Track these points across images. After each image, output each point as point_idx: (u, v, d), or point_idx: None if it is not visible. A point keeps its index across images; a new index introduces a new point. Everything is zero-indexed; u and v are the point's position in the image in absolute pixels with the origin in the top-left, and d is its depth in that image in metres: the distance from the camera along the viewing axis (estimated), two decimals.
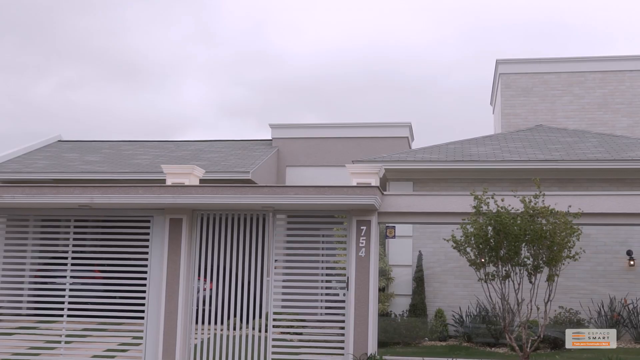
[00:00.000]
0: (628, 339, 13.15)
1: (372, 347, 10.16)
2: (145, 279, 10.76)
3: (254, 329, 10.56)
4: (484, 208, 8.88)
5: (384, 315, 13.85)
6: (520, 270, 8.88)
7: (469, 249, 8.90)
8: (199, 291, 10.84)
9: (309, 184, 11.25)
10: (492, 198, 8.94)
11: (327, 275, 10.79)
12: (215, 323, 10.71)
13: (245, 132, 52.24)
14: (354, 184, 10.51)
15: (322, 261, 10.74)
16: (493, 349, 12.49)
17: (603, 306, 13.82)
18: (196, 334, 10.69)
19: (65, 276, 11.03)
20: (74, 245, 11.11)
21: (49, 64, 51.34)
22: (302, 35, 54.38)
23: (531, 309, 8.92)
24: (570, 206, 9.10)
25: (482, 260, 8.82)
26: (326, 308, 10.76)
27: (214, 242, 10.80)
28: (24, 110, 50.21)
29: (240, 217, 10.79)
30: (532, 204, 8.78)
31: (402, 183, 14.93)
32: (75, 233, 11.11)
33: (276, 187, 10.22)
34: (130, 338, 10.96)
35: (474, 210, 8.95)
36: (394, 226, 12.23)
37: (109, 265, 11.18)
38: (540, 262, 8.68)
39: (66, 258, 11.07)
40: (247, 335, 10.53)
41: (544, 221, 8.64)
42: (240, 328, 10.62)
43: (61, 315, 10.93)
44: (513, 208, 8.80)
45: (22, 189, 10.68)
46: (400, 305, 14.48)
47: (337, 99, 51.58)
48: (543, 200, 8.92)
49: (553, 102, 19.70)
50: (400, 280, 14.68)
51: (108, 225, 11.57)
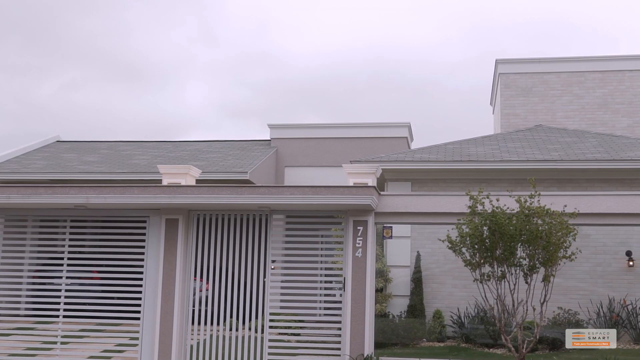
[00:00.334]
0: (627, 339, 13.08)
1: (369, 348, 10.11)
2: (141, 279, 10.71)
3: (250, 329, 10.52)
4: (479, 208, 8.82)
5: (382, 316, 13.80)
6: (515, 271, 8.82)
7: (464, 249, 8.85)
8: (195, 292, 10.79)
9: (307, 184, 11.20)
10: (488, 198, 8.88)
11: (325, 275, 10.72)
12: (212, 324, 10.67)
13: (247, 133, 52.21)
14: (351, 184, 10.46)
15: (321, 262, 10.68)
16: (491, 349, 12.43)
17: (602, 307, 13.75)
18: (192, 334, 10.65)
19: (61, 277, 10.99)
20: (71, 246, 11.06)
21: (52, 64, 51.49)
22: (305, 36, 54.45)
23: (527, 310, 8.86)
24: (565, 206, 9.05)
25: (478, 260, 8.76)
26: (324, 309, 10.70)
27: (210, 243, 10.75)
28: (27, 110, 50.36)
29: (237, 218, 10.74)
30: (528, 204, 8.73)
31: (401, 183, 14.88)
32: (71, 233, 11.06)
33: (272, 187, 10.17)
34: (127, 339, 10.91)
35: (469, 210, 8.90)
36: (391, 226, 12.19)
37: (105, 265, 11.15)
38: (536, 263, 8.62)
39: (62, 259, 11.02)
40: (244, 336, 10.49)
41: (539, 221, 8.58)
42: (237, 329, 10.57)
43: (57, 316, 10.88)
44: (508, 208, 8.74)
45: (18, 189, 10.64)
46: (399, 306, 14.43)
47: (340, 100, 51.62)
48: (539, 200, 8.86)
49: (553, 102, 19.63)
50: (399, 280, 14.62)
51: (104, 225, 11.53)
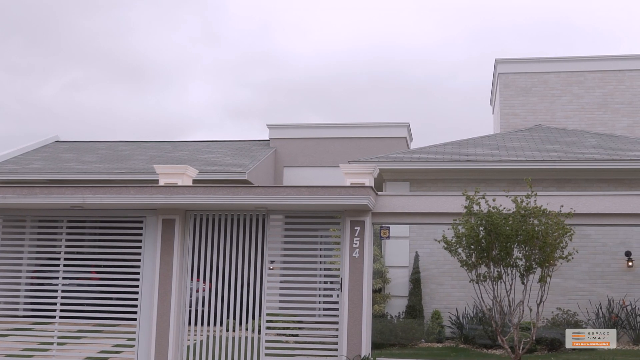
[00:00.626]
0: (626, 340, 13.01)
1: (366, 349, 10.06)
2: (138, 280, 10.67)
3: (246, 330, 10.47)
4: (476, 208, 8.77)
5: (380, 316, 13.75)
6: (511, 271, 8.77)
7: (460, 250, 8.80)
8: (197, 291, 10.74)
9: (305, 184, 11.16)
10: (484, 198, 8.83)
11: (323, 276, 10.67)
12: (209, 324, 10.62)
13: (249, 133, 52.16)
14: (348, 184, 10.42)
15: (320, 262, 10.64)
16: (490, 350, 12.38)
17: (601, 307, 13.70)
18: (189, 335, 10.61)
19: (57, 277, 10.95)
20: (67, 247, 11.03)
21: (54, 65, 51.53)
22: (307, 36, 54.44)
23: (523, 311, 8.81)
24: (562, 206, 8.99)
25: (474, 261, 8.71)
26: (322, 309, 10.65)
27: (207, 243, 10.71)
28: (29, 111, 50.45)
29: (234, 218, 10.70)
30: (524, 204, 8.67)
31: (399, 183, 14.83)
32: (68, 234, 11.03)
33: (269, 188, 10.13)
34: (124, 340, 10.88)
35: (465, 211, 8.85)
36: (388, 227, 12.13)
37: (102, 266, 11.12)
38: (533, 263, 8.56)
39: (59, 259, 10.99)
40: (240, 337, 10.44)
41: (536, 222, 8.53)
42: (234, 330, 10.53)
43: (54, 317, 10.84)
44: (505, 208, 8.69)
45: (14, 189, 10.60)
46: (397, 306, 14.38)
47: (342, 100, 51.60)
48: (535, 201, 8.80)
49: (552, 102, 19.57)
50: (397, 281, 14.56)
51: (101, 226, 11.50)
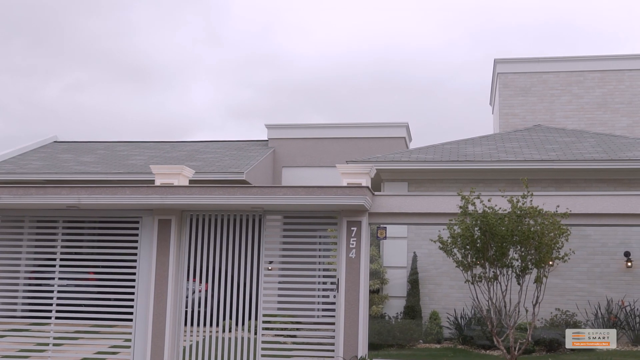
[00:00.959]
0: (625, 341, 12.95)
1: (363, 350, 10.01)
2: (134, 280, 10.63)
3: (243, 330, 10.43)
4: (471, 208, 8.71)
5: (378, 317, 13.70)
6: (507, 272, 8.71)
7: (455, 250, 8.74)
8: (193, 292, 10.70)
9: (303, 184, 11.08)
10: (479, 198, 8.77)
11: (320, 276, 10.61)
12: (204, 325, 10.58)
13: (252, 134, 52.15)
14: (345, 185, 10.37)
15: (319, 262, 10.59)
16: (488, 351, 12.32)
17: (600, 308, 13.64)
18: (185, 336, 10.56)
19: (53, 278, 10.91)
20: (63, 247, 10.99)
21: (57, 66, 51.55)
22: (310, 37, 54.41)
23: (519, 311, 8.75)
24: (558, 206, 8.94)
25: (470, 261, 8.65)
26: (319, 310, 10.60)
27: (203, 244, 10.66)
28: (32, 112, 50.48)
29: (231, 218, 10.65)
30: (520, 204, 8.61)
31: (397, 183, 14.78)
32: (64, 234, 10.99)
33: (265, 188, 10.08)
34: (121, 340, 10.83)
35: (460, 211, 8.79)
36: (385, 227, 12.08)
37: (98, 266, 11.07)
38: (528, 264, 8.50)
39: (55, 259, 10.94)
40: (237, 338, 10.40)
41: (531, 222, 8.47)
42: (230, 330, 10.48)
43: (49, 318, 10.80)
44: (500, 208, 8.63)
45: (9, 189, 10.56)
46: (395, 307, 14.32)
47: (345, 101, 51.55)
48: (531, 201, 8.75)
49: (552, 102, 19.51)
50: (395, 282, 14.51)
51: (97, 226, 11.46)
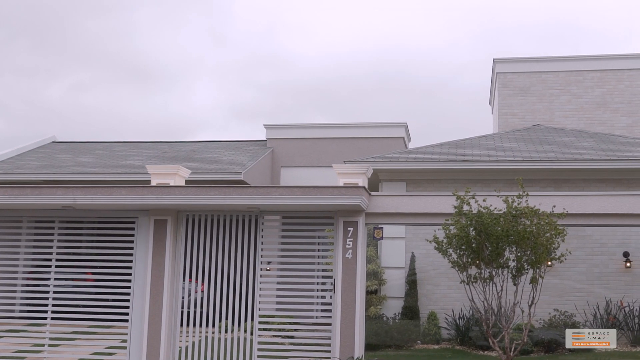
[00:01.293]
0: (624, 342, 12.89)
1: (359, 351, 9.95)
2: (129, 281, 10.58)
3: (239, 331, 10.38)
4: (466, 208, 8.65)
5: (376, 318, 13.65)
6: (502, 272, 8.65)
7: (451, 250, 8.68)
8: (190, 294, 10.65)
9: (301, 184, 11.03)
10: (474, 198, 8.71)
11: (317, 277, 10.54)
12: (200, 326, 10.53)
13: (254, 134, 52.01)
14: (341, 184, 10.31)
15: (318, 262, 10.53)
16: (486, 352, 12.27)
17: (599, 309, 13.58)
18: (181, 337, 10.51)
19: (49, 278, 10.87)
20: (59, 247, 10.94)
21: (60, 66, 51.58)
22: (313, 37, 54.42)
23: (514, 312, 8.70)
24: (554, 206, 8.87)
25: (465, 261, 8.59)
26: (315, 311, 10.54)
27: (199, 244, 10.61)
28: (35, 112, 50.49)
29: (227, 218, 10.60)
30: (516, 204, 8.55)
31: (395, 184, 14.72)
32: (60, 234, 10.95)
33: (261, 188, 10.02)
34: (118, 341, 10.79)
35: (455, 211, 8.73)
36: (382, 227, 12.03)
37: (94, 267, 11.04)
38: (524, 264, 8.44)
39: (50, 260, 10.90)
40: (233, 339, 10.35)
41: (527, 222, 8.41)
42: (226, 331, 10.43)
43: (45, 318, 10.76)
44: (496, 208, 8.57)
45: (5, 189, 10.51)
46: (393, 307, 14.27)
47: (348, 101, 51.52)
48: (527, 201, 8.69)
49: (551, 102, 19.45)
50: (393, 282, 14.46)
51: (93, 226, 11.42)
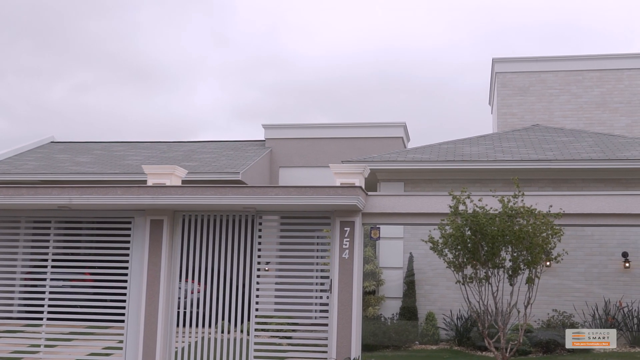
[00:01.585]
0: (623, 342, 12.84)
1: (356, 351, 9.91)
2: (126, 281, 10.54)
3: (235, 332, 10.33)
4: (461, 208, 8.60)
5: (374, 318, 13.60)
6: (497, 272, 8.59)
7: (446, 250, 8.63)
8: (186, 294, 10.60)
9: (299, 184, 10.97)
10: (469, 198, 8.66)
11: (314, 277, 10.49)
12: (197, 326, 10.49)
13: (257, 135, 52.15)
14: (338, 184, 10.27)
15: (316, 263, 10.48)
16: (484, 352, 12.22)
17: (597, 309, 13.52)
18: (177, 337, 10.47)
19: (45, 279, 10.83)
20: (55, 247, 10.90)
21: (63, 67, 51.56)
22: (315, 38, 54.40)
23: (510, 312, 8.64)
24: (551, 206, 8.82)
25: (461, 261, 8.55)
26: (312, 311, 10.49)
27: (196, 244, 10.57)
28: (38, 113, 50.49)
29: (224, 218, 10.56)
30: (511, 204, 8.50)
31: (393, 184, 14.68)
32: (56, 235, 10.91)
33: (257, 188, 9.98)
34: (115, 342, 10.75)
35: (451, 211, 8.68)
36: (379, 227, 11.97)
37: (90, 267, 11.01)
38: (520, 264, 8.38)
39: (47, 260, 10.87)
40: (229, 339, 10.31)
41: (523, 222, 8.35)
42: (223, 332, 10.38)
43: (41, 319, 10.72)
44: (492, 208, 8.51)
45: (1, 189, 10.47)
46: (391, 308, 14.22)
47: (350, 102, 51.49)
48: (522, 200, 8.63)
49: (550, 102, 19.39)
50: (391, 282, 14.41)
51: (89, 227, 11.38)
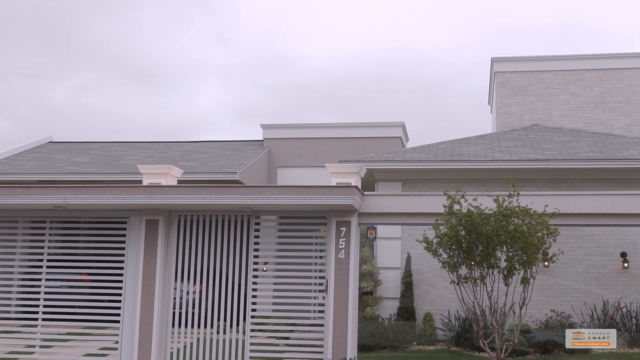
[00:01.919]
0: (621, 343, 12.76)
1: (352, 352, 9.86)
2: (121, 282, 10.49)
3: (231, 332, 10.28)
4: (456, 207, 8.54)
5: (371, 318, 13.55)
6: (492, 272, 8.53)
7: (441, 250, 8.57)
8: (182, 295, 10.55)
9: (297, 184, 10.91)
10: (463, 197, 8.60)
11: (314, 277, 10.42)
12: (192, 327, 10.44)
13: (259, 136, 52.12)
14: (334, 184, 10.22)
15: (315, 263, 10.43)
16: (482, 353, 12.16)
17: (596, 309, 13.46)
18: (173, 338, 10.42)
19: (40, 279, 10.78)
20: (50, 247, 10.86)
21: (65, 68, 51.58)
22: (318, 39, 54.37)
23: (505, 313, 8.58)
24: (546, 206, 8.76)
25: (456, 261, 8.48)
26: (313, 312, 10.41)
27: (191, 244, 10.52)
28: (40, 114, 50.51)
29: (219, 218, 10.51)
30: (506, 203, 8.44)
31: (391, 183, 14.62)
32: (51, 235, 10.87)
33: (252, 187, 9.93)
34: (111, 342, 10.71)
35: (446, 210, 8.62)
36: (375, 227, 11.93)
37: (86, 267, 10.97)
38: (515, 264, 8.32)
39: (42, 260, 10.82)
40: (225, 340, 10.26)
41: (518, 221, 8.29)
42: (218, 332, 10.34)
43: (36, 319, 10.67)
44: (487, 208, 8.46)
45: None
46: (389, 308, 14.17)
47: (352, 103, 51.45)
48: (518, 200, 8.57)
49: (549, 101, 19.32)
50: (389, 283, 14.35)
51: (85, 227, 11.34)
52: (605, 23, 50.36)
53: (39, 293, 10.71)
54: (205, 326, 10.41)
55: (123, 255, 10.55)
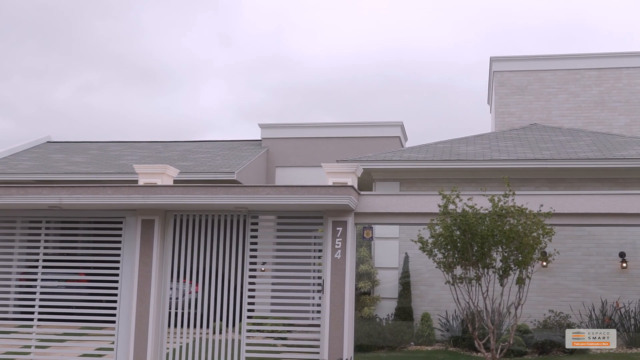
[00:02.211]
0: (620, 343, 12.71)
1: (348, 352, 9.82)
2: (117, 282, 10.46)
3: (227, 332, 10.24)
4: (451, 207, 8.49)
5: (369, 319, 13.50)
6: (487, 272, 8.48)
7: (435, 250, 8.52)
8: (183, 294, 10.52)
9: (295, 184, 10.86)
10: (458, 197, 8.55)
11: (313, 277, 10.38)
12: (189, 327, 10.40)
13: (259, 136, 52.11)
14: (330, 184, 10.17)
15: (313, 263, 10.39)
16: (479, 354, 12.11)
17: (594, 310, 13.41)
18: (169, 338, 10.38)
19: (36, 279, 10.75)
20: (46, 248, 10.82)
21: (68, 68, 51.61)
22: (320, 39, 54.38)
23: (504, 314, 8.54)
24: (542, 205, 8.71)
25: (451, 262, 8.44)
26: (311, 312, 10.36)
27: (187, 244, 10.47)
28: (43, 114, 50.52)
29: (215, 218, 10.46)
30: (502, 203, 8.39)
31: (389, 183, 14.57)
32: (47, 235, 10.83)
33: (248, 187, 9.89)
34: (108, 343, 10.67)
35: (441, 210, 8.57)
36: (372, 227, 11.87)
37: (82, 268, 10.94)
38: (510, 264, 8.27)
39: (38, 261, 10.79)
40: (221, 340, 10.22)
41: (514, 221, 8.24)
42: (214, 333, 10.30)
43: (32, 320, 10.64)
44: (482, 207, 8.40)
45: None
46: (387, 308, 14.12)
47: (355, 103, 51.44)
48: (513, 200, 8.52)
49: (548, 101, 19.28)
50: (386, 283, 14.31)
51: (81, 227, 11.31)
52: (605, 23, 50.38)
53: (34, 293, 10.68)
54: (201, 326, 10.38)
55: (119, 255, 10.51)
